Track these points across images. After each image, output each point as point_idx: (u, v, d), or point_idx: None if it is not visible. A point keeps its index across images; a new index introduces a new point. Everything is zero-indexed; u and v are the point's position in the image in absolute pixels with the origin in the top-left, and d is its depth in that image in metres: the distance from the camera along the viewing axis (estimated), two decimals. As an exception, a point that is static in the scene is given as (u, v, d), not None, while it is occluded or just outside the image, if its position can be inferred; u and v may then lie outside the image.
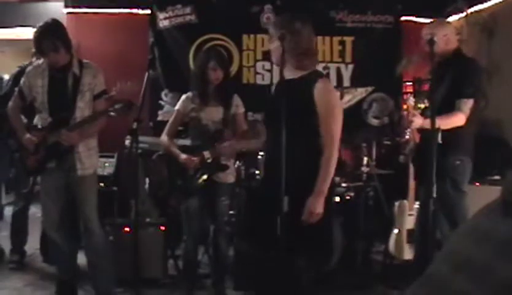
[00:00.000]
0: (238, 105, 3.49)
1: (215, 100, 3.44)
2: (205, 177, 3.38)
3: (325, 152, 2.49)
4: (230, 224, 3.85)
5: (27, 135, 3.20)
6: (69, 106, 3.14)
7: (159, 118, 5.29)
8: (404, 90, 5.25)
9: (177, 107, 3.55)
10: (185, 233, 3.51)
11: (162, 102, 5.39)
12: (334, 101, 2.58)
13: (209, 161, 3.38)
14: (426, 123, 2.84)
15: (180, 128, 3.66)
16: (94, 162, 3.30)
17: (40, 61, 3.26)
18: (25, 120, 3.37)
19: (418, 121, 3.01)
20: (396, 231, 3.74)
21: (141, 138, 3.13)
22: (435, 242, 2.76)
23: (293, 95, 2.47)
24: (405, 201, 3.71)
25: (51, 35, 3.06)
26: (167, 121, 3.65)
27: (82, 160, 3.21)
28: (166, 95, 5.37)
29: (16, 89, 3.35)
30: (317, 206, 2.46)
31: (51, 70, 3.18)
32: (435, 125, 2.65)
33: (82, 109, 3.18)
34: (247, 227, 3.01)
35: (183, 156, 3.36)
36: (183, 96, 3.53)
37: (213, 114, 3.43)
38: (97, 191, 3.30)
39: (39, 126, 3.20)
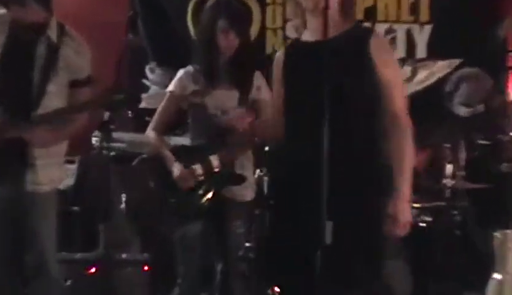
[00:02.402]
0: (261, 87, 3.49)
1: (227, 79, 3.45)
2: (210, 194, 3.39)
3: (395, 135, 2.63)
4: (246, 262, 3.93)
5: None
6: (34, 88, 3.12)
7: (143, 104, 5.12)
8: (509, 64, 5.18)
9: (169, 88, 3.55)
10: (179, 274, 3.54)
11: (146, 82, 5.39)
12: (398, 66, 2.81)
13: (217, 170, 3.38)
14: None
15: (175, 120, 3.65)
16: (54, 176, 3.27)
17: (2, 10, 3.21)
18: None
19: None
20: (497, 276, 3.71)
21: (115, 135, 3.24)
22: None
23: (337, 61, 2.54)
24: (510, 232, 3.70)
25: None
26: (154, 109, 3.70)
27: (37, 171, 3.16)
28: (152, 71, 5.37)
29: None
30: (405, 212, 2.61)
31: (15, 27, 3.14)
32: None
33: (54, 95, 3.15)
34: (272, 265, 3.07)
35: (178, 169, 3.38)
36: (180, 73, 3.53)
37: (224, 100, 3.43)
38: (56, 216, 3.30)
39: None
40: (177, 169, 3.38)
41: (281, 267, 2.83)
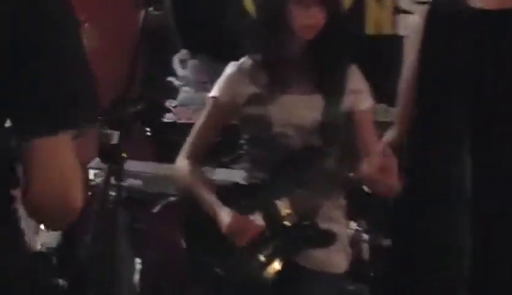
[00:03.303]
0: (359, 90, 3.50)
1: (304, 78, 3.47)
2: (278, 265, 3.37)
3: None
4: None
5: None
6: None
7: (169, 117, 5.40)
8: None
9: (213, 92, 3.58)
10: None
11: (174, 81, 5.53)
12: None
13: (289, 223, 3.38)
14: None
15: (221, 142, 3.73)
16: (25, 232, 3.27)
17: None
18: None
19: None
20: None
21: (129, 165, 3.15)
22: None
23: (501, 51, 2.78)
24: None
25: None
26: (187, 125, 3.89)
27: None
28: (183, 64, 5.53)
29: None
30: None
31: None
32: None
33: None
34: None
35: (229, 216, 3.38)
36: (230, 68, 3.56)
37: (300, 112, 3.44)
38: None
39: None
40: (227, 216, 3.36)
41: None
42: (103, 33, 4.02)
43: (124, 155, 2.93)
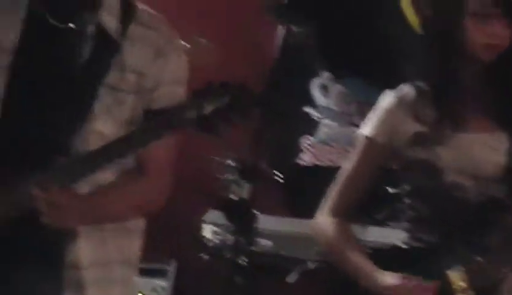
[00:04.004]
0: None
1: (482, 113, 3.48)
2: None
3: None
4: None
5: None
6: (67, 114, 3.24)
7: (306, 159, 5.44)
8: None
9: (366, 130, 3.61)
10: None
11: (313, 112, 5.61)
12: None
13: None
14: None
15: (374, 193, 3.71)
16: None
17: None
18: None
19: None
20: None
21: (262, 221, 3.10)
22: None
23: None
24: None
25: None
26: (330, 169, 3.93)
27: (86, 288, 3.24)
28: (325, 90, 5.69)
29: None
30: None
31: (35, 7, 3.29)
32: None
33: (106, 137, 3.23)
34: None
35: (393, 279, 3.37)
36: (388, 99, 3.58)
37: (479, 154, 3.44)
38: None
39: None
40: (391, 278, 3.36)
41: None
42: (228, 47, 3.99)
43: (255, 212, 2.92)
